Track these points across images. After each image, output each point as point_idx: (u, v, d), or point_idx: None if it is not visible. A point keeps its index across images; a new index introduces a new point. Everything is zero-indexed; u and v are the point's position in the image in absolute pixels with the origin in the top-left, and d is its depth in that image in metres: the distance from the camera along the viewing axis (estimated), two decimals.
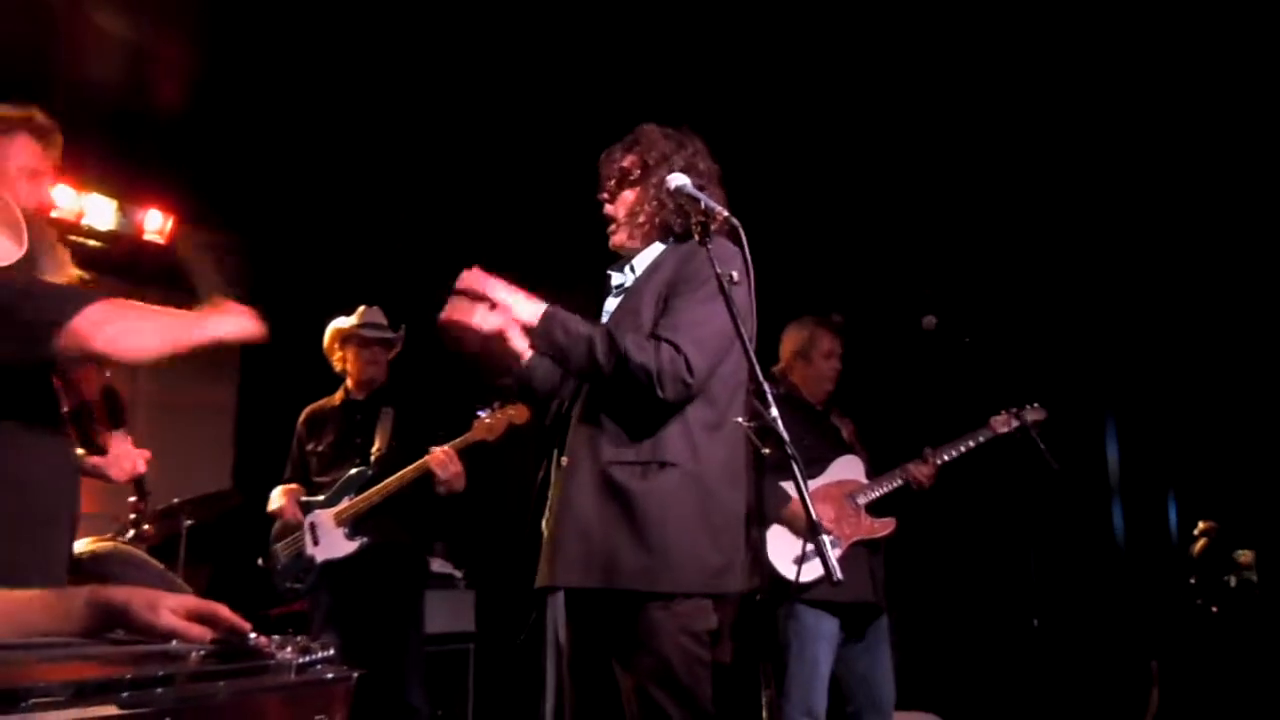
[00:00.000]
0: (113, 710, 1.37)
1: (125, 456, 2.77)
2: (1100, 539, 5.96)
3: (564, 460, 2.58)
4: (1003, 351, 4.10)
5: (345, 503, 4.05)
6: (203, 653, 1.76)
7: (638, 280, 2.69)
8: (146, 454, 2.85)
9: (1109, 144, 5.26)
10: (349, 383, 4.38)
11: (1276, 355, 5.84)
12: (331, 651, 1.86)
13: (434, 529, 4.76)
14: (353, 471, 4.14)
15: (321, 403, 4.45)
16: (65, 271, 2.51)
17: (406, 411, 4.31)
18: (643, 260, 2.73)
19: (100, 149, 5.22)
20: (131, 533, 2.96)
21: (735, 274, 2.32)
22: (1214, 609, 5.74)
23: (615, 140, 2.83)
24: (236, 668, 1.62)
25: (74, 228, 5.41)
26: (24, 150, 2.44)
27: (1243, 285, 5.79)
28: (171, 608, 1.47)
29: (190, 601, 1.49)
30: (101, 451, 2.66)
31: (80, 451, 2.61)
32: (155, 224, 5.75)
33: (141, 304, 2.35)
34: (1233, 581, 5.95)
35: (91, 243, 5.52)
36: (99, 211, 5.58)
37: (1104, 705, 5.50)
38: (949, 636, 5.76)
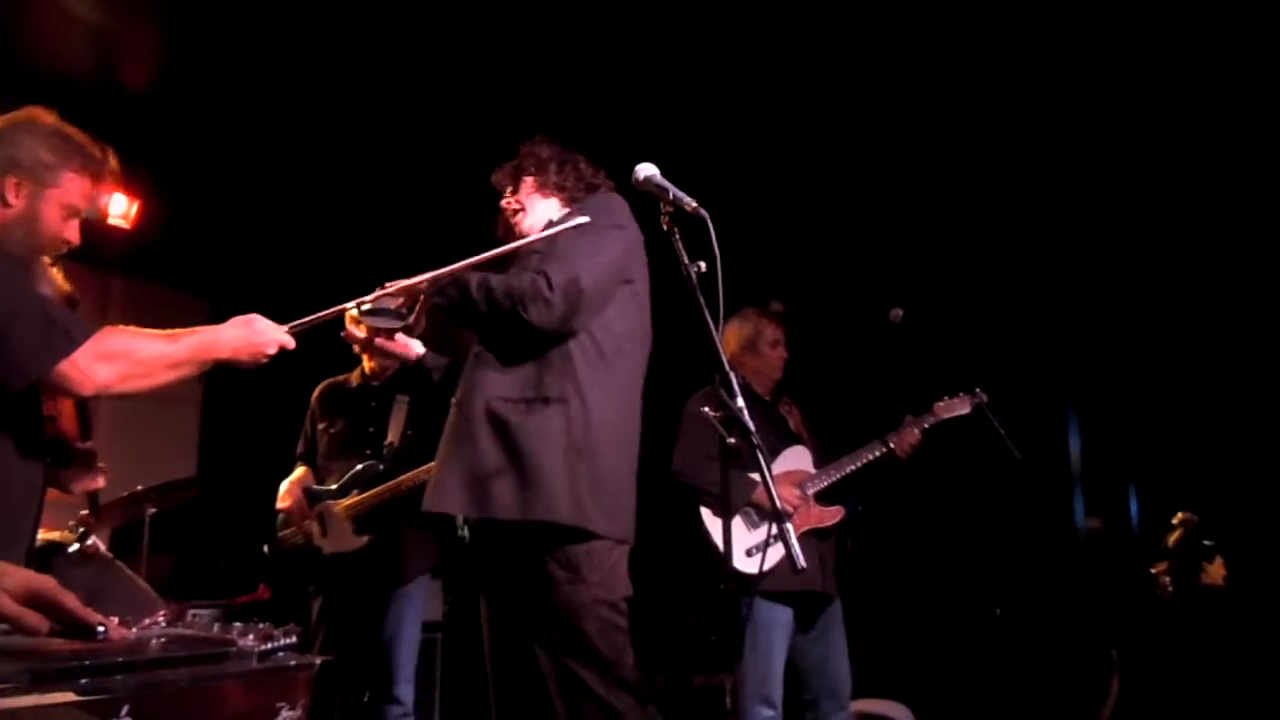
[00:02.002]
0: (70, 697, 1.36)
1: (86, 471, 2.73)
2: (1061, 529, 6.03)
3: (454, 398, 2.71)
4: (966, 343, 4.12)
5: (354, 496, 3.96)
6: (165, 639, 1.75)
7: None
8: (105, 473, 2.81)
9: (1070, 137, 5.30)
10: (364, 367, 4.28)
11: (1238, 346, 5.92)
12: (294, 639, 1.86)
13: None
14: (363, 465, 4.04)
15: (339, 380, 4.31)
16: (55, 285, 2.48)
17: (423, 401, 4.20)
18: (536, 225, 2.91)
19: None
20: (76, 546, 2.93)
21: (703, 264, 2.33)
22: (1166, 595, 5.82)
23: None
24: (198, 654, 1.62)
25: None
26: (79, 192, 2.38)
27: (1204, 276, 5.86)
28: (9, 590, 1.38)
29: (34, 584, 1.42)
30: (65, 463, 2.62)
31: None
32: (120, 208, 5.67)
33: (136, 331, 2.30)
34: (1204, 580, 6.01)
35: None
36: None
37: (1065, 692, 5.57)
38: (914, 625, 5.81)
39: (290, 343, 2.49)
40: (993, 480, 5.26)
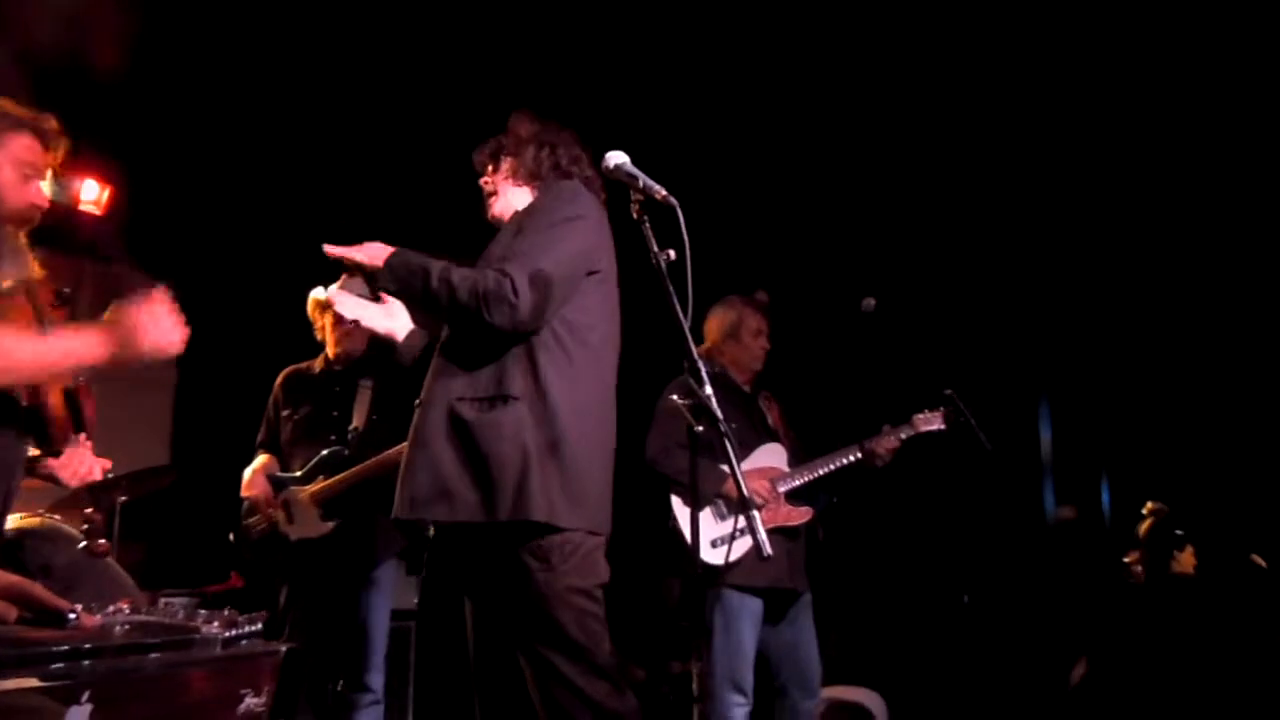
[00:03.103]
0: (33, 682, 1.36)
1: (80, 461, 2.70)
2: (1032, 517, 6.07)
3: (418, 399, 2.69)
4: (938, 332, 4.14)
5: (319, 482, 3.95)
6: (129, 626, 1.75)
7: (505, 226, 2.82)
8: (107, 464, 2.79)
9: (1040, 127, 5.33)
10: (328, 352, 4.26)
11: (1210, 337, 5.97)
12: (259, 626, 1.86)
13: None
14: (328, 451, 4.02)
15: (302, 366, 4.30)
16: (25, 267, 2.46)
17: (387, 386, 4.20)
18: (511, 210, 2.88)
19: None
20: (83, 543, 2.88)
21: (672, 252, 2.33)
22: (1136, 581, 5.88)
23: (568, 119, 2.90)
24: (162, 641, 1.63)
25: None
26: (25, 148, 2.43)
27: (1176, 265, 5.90)
28: None
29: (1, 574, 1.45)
30: (55, 453, 2.61)
31: (35, 453, 2.58)
32: (91, 194, 5.63)
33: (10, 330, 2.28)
34: (1174, 568, 6.07)
35: None
36: None
37: (1032, 677, 5.62)
38: (885, 613, 5.85)
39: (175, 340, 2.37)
40: (964, 470, 5.29)
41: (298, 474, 4.00)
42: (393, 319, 2.77)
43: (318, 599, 3.96)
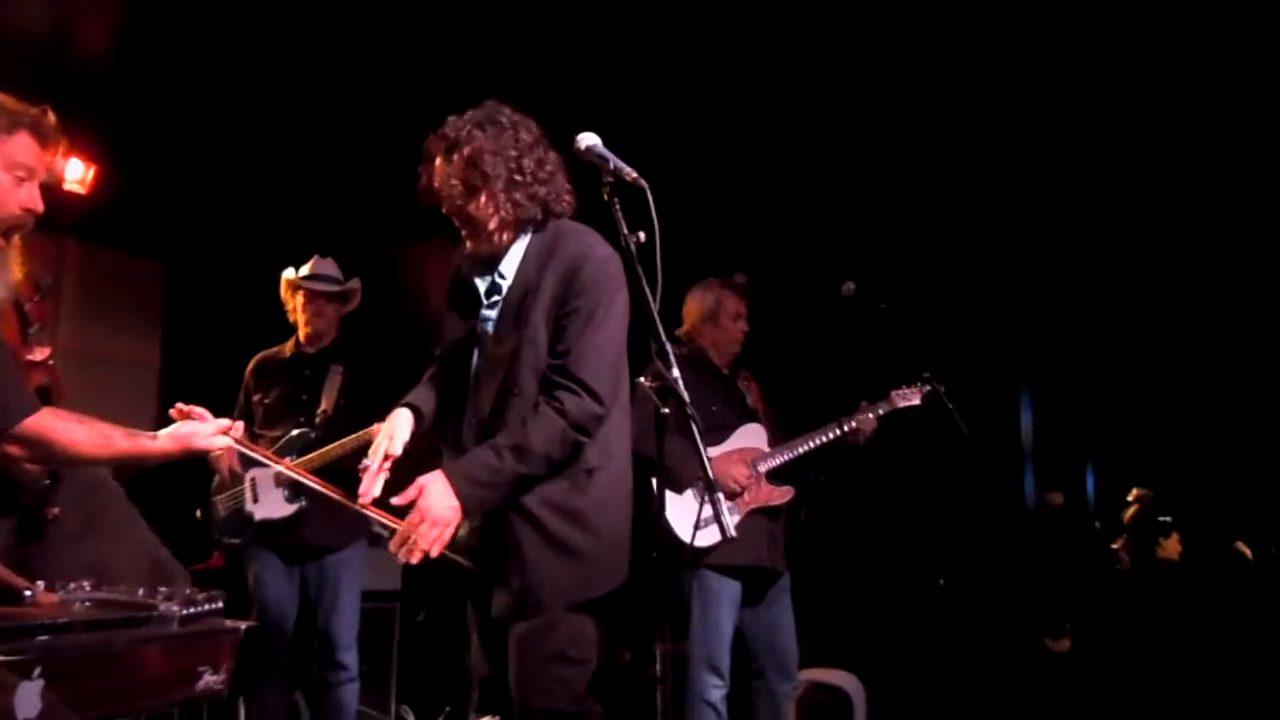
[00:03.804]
0: None
1: None
2: (1011, 503, 6.09)
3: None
4: (917, 316, 4.14)
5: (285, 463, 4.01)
6: (87, 604, 1.76)
7: (513, 288, 2.59)
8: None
9: (1022, 111, 5.32)
10: (299, 335, 4.28)
11: (1198, 323, 5.99)
12: (219, 605, 1.87)
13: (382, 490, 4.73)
14: (295, 432, 4.05)
15: (272, 351, 4.34)
16: (12, 278, 2.43)
17: (357, 370, 4.22)
18: (510, 262, 2.61)
19: (20, 96, 5.07)
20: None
21: (642, 235, 2.33)
22: (1122, 567, 5.91)
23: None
24: (116, 618, 1.64)
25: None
26: (21, 148, 2.30)
27: (1159, 250, 5.91)
28: None
29: None
30: None
31: None
32: (76, 173, 5.59)
33: (77, 416, 2.26)
34: (1159, 554, 6.10)
35: None
36: None
37: (1009, 659, 5.65)
38: (865, 596, 5.87)
39: (219, 445, 2.49)
40: (943, 454, 5.30)
41: None
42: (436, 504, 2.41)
43: (285, 578, 4.03)
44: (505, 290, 2.60)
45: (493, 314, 2.63)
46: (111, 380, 6.05)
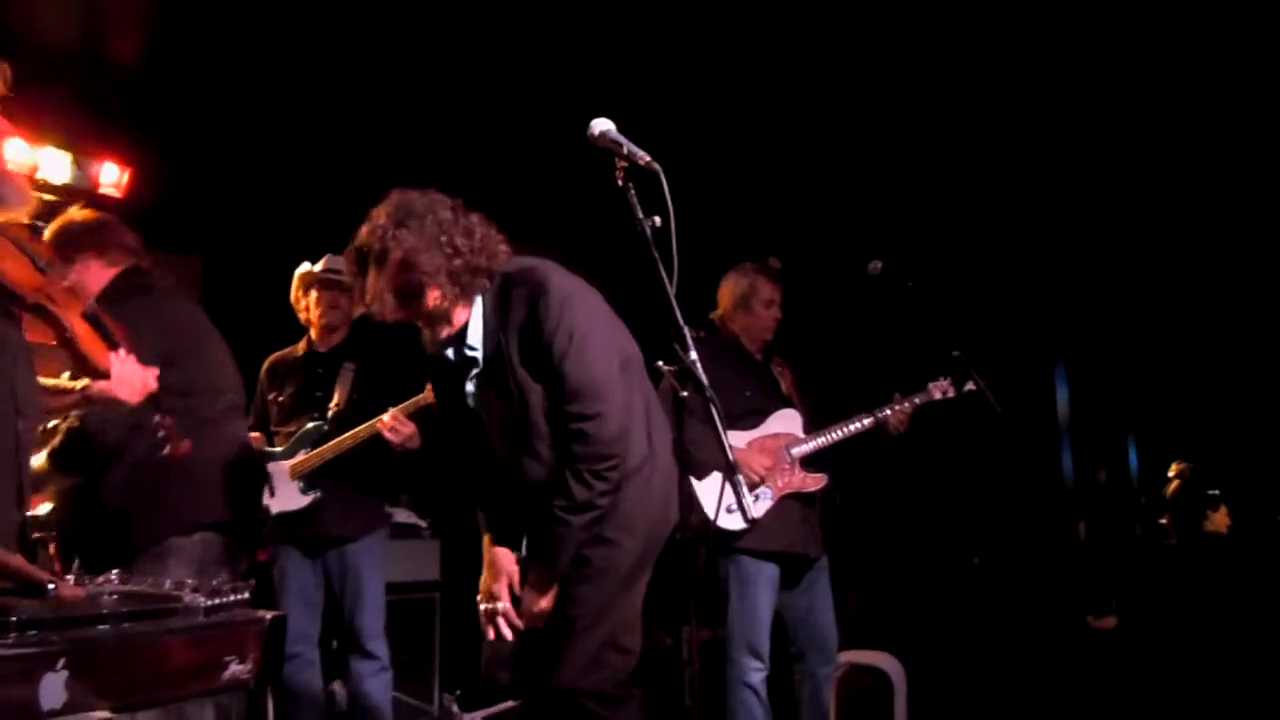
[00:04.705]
0: (5, 650, 1.40)
1: (134, 374, 2.68)
2: (1048, 481, 6.01)
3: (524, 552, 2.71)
4: (946, 292, 4.10)
5: (300, 456, 4.11)
6: (112, 596, 1.79)
7: (488, 357, 2.66)
8: (155, 370, 2.75)
9: (1053, 87, 5.26)
10: (312, 333, 4.37)
11: (1238, 287, 5.88)
12: (246, 595, 1.90)
13: (397, 481, 4.78)
14: (309, 425, 4.16)
15: (285, 352, 4.44)
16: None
17: (368, 368, 4.30)
18: (474, 332, 2.67)
19: (55, 102, 5.16)
20: (166, 450, 2.86)
21: (658, 219, 2.32)
22: (1170, 542, 5.83)
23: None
24: (141, 610, 1.66)
25: (29, 182, 5.35)
26: None
27: (1201, 212, 5.80)
28: None
29: None
30: (104, 375, 2.52)
31: (84, 382, 2.55)
32: (111, 177, 5.68)
33: None
34: (1207, 528, 6.03)
35: (47, 197, 5.45)
36: (54, 165, 5.51)
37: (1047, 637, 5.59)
38: (903, 578, 5.84)
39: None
40: (980, 434, 5.25)
41: (279, 449, 4.15)
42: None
43: (307, 570, 4.10)
44: (481, 361, 2.68)
45: (474, 387, 2.72)
46: None
